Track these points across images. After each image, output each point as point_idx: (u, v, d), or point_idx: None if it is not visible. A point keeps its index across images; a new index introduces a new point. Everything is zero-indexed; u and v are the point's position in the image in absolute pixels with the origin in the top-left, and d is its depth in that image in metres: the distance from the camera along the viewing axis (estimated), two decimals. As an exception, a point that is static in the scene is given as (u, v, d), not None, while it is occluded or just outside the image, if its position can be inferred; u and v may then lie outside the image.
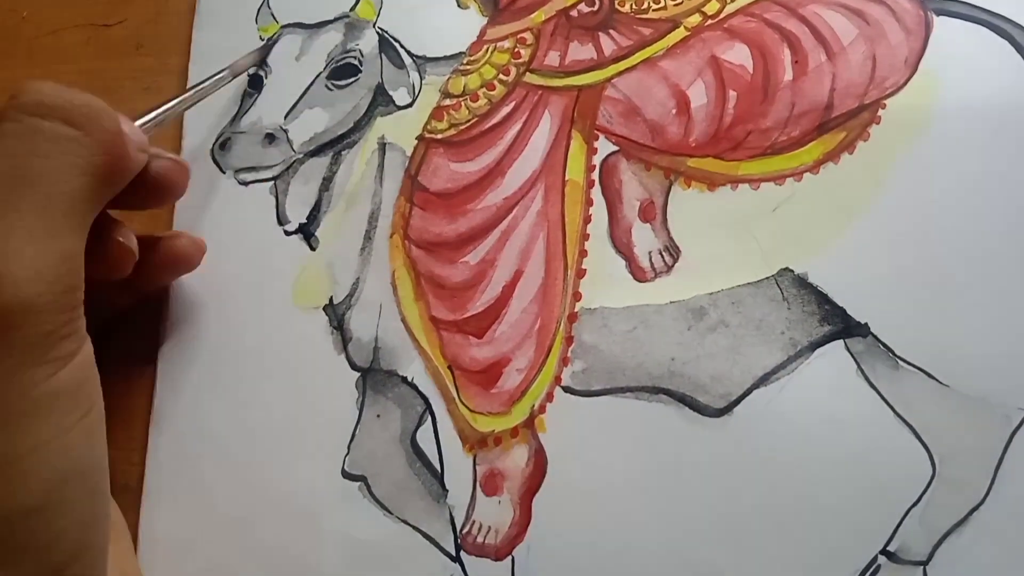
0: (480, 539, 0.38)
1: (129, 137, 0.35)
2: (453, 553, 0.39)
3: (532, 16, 0.45)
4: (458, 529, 0.39)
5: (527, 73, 0.44)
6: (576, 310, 0.40)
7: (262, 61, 0.46)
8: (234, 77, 0.45)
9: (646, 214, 0.40)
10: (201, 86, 0.43)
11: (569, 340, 0.40)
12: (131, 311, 0.44)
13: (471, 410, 0.40)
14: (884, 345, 0.37)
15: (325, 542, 0.40)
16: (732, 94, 0.41)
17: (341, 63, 0.46)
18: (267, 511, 0.40)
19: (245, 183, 0.45)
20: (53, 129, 0.32)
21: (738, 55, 0.41)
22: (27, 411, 0.30)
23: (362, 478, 0.40)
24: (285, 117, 0.45)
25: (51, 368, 0.31)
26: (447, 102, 0.44)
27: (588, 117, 0.42)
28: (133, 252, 0.38)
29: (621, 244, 0.40)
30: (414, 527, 0.39)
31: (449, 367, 0.41)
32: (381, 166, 0.44)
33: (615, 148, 0.42)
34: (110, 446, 0.43)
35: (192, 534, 0.41)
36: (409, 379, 0.41)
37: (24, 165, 0.31)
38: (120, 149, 0.34)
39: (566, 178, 0.42)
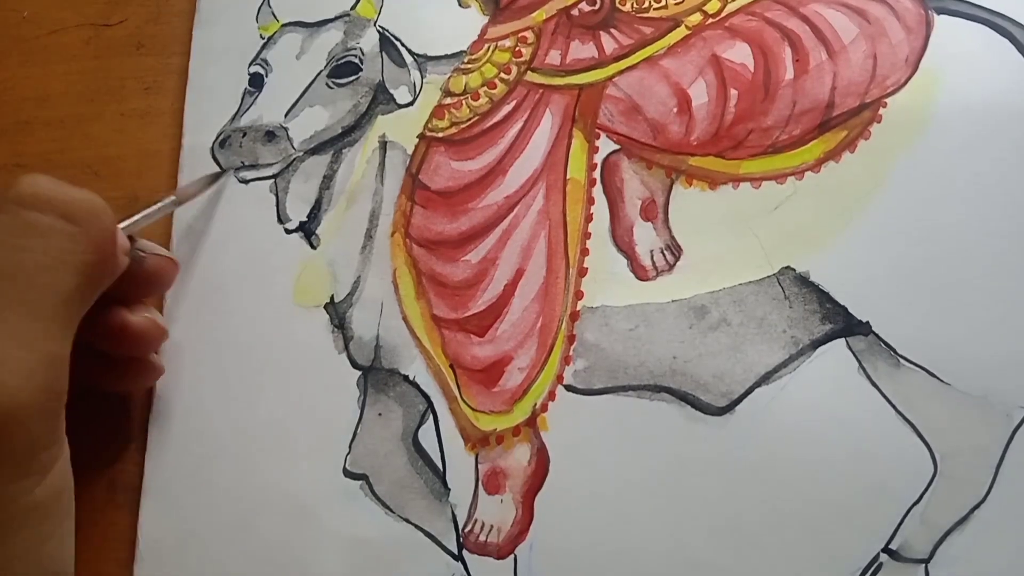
0: (482, 538, 0.38)
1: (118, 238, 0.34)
2: (455, 552, 0.39)
3: (533, 15, 0.45)
4: (460, 528, 0.39)
5: (528, 72, 0.44)
6: (578, 308, 0.40)
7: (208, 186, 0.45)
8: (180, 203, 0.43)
9: (647, 213, 0.40)
10: (186, 188, 0.43)
11: (571, 338, 0.40)
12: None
13: (473, 409, 0.40)
14: (885, 343, 0.37)
15: (327, 541, 0.40)
16: (733, 93, 0.41)
17: (342, 61, 0.46)
18: (268, 510, 0.40)
19: (245, 181, 0.45)
20: (49, 224, 0.30)
21: (739, 54, 0.41)
22: (6, 524, 0.29)
23: (364, 477, 0.40)
24: (285, 115, 0.45)
25: (33, 480, 0.29)
26: (448, 100, 0.44)
27: (589, 116, 0.42)
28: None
29: (623, 243, 0.40)
30: (416, 526, 0.39)
31: (451, 366, 0.41)
32: (382, 164, 0.44)
33: (616, 147, 0.42)
34: (111, 446, 0.44)
35: (192, 534, 0.41)
36: (411, 378, 0.41)
37: (13, 261, 0.30)
38: (112, 248, 0.33)
39: (567, 177, 0.42)
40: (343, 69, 0.45)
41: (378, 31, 0.46)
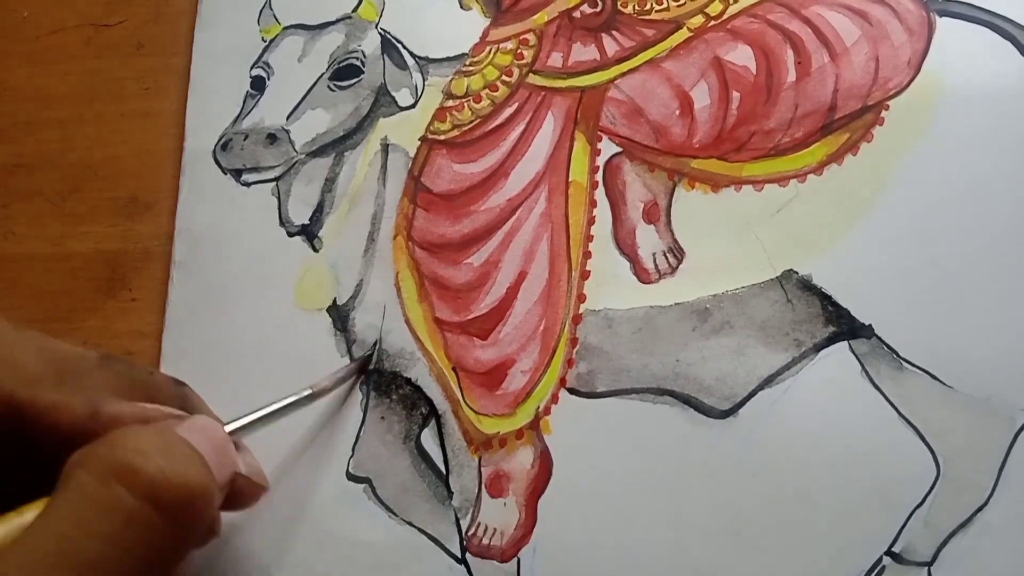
0: (486, 541, 0.38)
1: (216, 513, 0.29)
2: (459, 555, 0.39)
3: (535, 17, 0.44)
4: (463, 531, 0.39)
5: (530, 74, 0.44)
6: (580, 311, 0.40)
7: (349, 378, 0.41)
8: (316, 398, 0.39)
9: (650, 215, 0.40)
10: (282, 403, 0.37)
11: (574, 342, 0.40)
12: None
13: (476, 412, 0.40)
14: (888, 346, 0.37)
15: (329, 544, 0.40)
16: (735, 95, 0.41)
17: (343, 64, 0.45)
18: (270, 513, 0.40)
19: (247, 184, 0.45)
20: (135, 511, 0.25)
21: (741, 56, 0.41)
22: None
23: (367, 480, 0.40)
24: (287, 118, 0.45)
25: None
26: (450, 103, 0.44)
27: (591, 118, 0.42)
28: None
29: (625, 245, 0.40)
30: (419, 529, 0.39)
31: (454, 369, 0.41)
32: (384, 167, 0.44)
33: (618, 149, 0.42)
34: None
35: (195, 536, 0.41)
36: (413, 381, 0.41)
37: (79, 548, 0.24)
38: (203, 536, 0.29)
39: (570, 179, 0.42)
40: (345, 71, 0.45)
41: (380, 33, 0.46)
